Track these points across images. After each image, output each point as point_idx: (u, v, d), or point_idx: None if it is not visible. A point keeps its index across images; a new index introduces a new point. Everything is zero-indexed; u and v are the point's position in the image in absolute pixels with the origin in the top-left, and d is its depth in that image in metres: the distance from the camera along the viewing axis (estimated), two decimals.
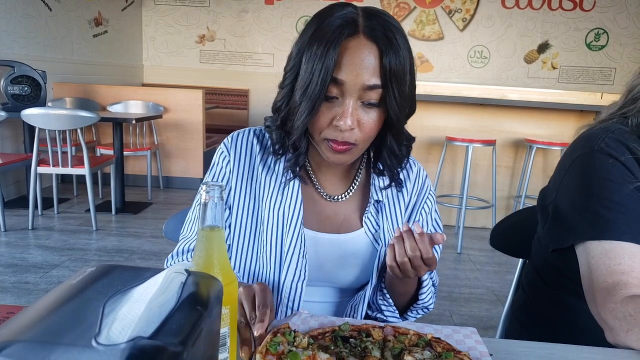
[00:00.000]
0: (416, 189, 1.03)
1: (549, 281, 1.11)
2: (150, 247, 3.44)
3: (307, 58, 0.81)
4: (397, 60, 0.80)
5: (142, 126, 4.96)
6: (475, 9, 6.18)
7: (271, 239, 0.94)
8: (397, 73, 0.81)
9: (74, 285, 0.50)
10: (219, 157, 0.99)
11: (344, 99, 0.82)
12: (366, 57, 0.80)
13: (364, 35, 0.80)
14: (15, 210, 4.03)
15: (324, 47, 0.79)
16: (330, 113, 0.83)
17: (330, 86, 0.81)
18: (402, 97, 0.83)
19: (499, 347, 0.78)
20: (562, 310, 1.07)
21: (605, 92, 6.14)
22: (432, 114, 4.21)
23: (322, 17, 0.83)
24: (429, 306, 1.01)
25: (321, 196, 0.99)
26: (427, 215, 1.03)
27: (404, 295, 0.98)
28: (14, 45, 4.33)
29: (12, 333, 0.40)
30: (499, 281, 3.19)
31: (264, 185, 0.96)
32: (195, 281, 0.52)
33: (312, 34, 0.82)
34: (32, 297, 2.58)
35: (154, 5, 6.44)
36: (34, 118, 3.43)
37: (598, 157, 0.97)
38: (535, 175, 4.12)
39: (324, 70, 0.79)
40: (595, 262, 0.90)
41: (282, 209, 0.94)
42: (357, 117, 0.83)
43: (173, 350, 0.41)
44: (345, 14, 0.82)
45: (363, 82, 0.80)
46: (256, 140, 0.99)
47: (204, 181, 1.03)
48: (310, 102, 0.81)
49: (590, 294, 0.90)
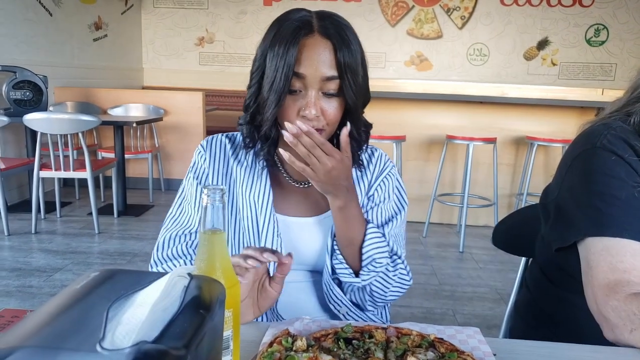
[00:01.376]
0: (377, 170, 1.11)
1: (554, 279, 1.11)
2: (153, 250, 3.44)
3: (271, 57, 0.91)
4: (349, 53, 0.91)
5: (143, 129, 4.97)
6: (473, 6, 6.17)
7: (247, 223, 1.04)
8: (351, 65, 0.91)
9: (78, 290, 0.51)
10: (197, 156, 1.09)
11: (307, 91, 0.91)
12: (322, 52, 0.90)
13: (318, 34, 0.90)
14: (18, 214, 4.04)
15: (285, 46, 0.89)
16: (295, 105, 0.92)
17: (292, 80, 0.90)
18: (357, 86, 0.93)
19: (502, 347, 0.79)
20: (567, 309, 1.07)
21: (606, 87, 6.13)
22: (432, 113, 4.21)
23: (280, 21, 0.93)
24: (380, 260, 1.01)
25: (290, 183, 1.08)
26: (383, 191, 1.10)
27: (351, 246, 1.01)
28: (15, 50, 4.34)
29: (16, 339, 0.40)
30: (502, 280, 3.19)
31: (236, 176, 1.06)
32: (198, 285, 0.52)
33: (273, 37, 0.91)
34: (36, 300, 2.58)
35: (153, 9, 6.45)
36: (36, 123, 3.44)
37: (600, 153, 0.96)
38: (536, 173, 4.12)
39: (286, 67, 0.88)
40: (596, 259, 0.89)
41: (253, 195, 1.04)
42: (320, 106, 0.92)
43: (177, 354, 0.41)
44: (300, 17, 0.92)
45: (322, 74, 0.90)
46: (228, 140, 1.10)
47: (186, 177, 1.09)
48: (276, 95, 0.90)
49: (590, 290, 0.89)
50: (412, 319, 2.51)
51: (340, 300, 1.05)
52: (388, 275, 1.03)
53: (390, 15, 6.26)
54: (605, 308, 0.84)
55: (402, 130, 3.89)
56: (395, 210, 1.10)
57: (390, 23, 6.27)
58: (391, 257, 1.05)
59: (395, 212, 1.10)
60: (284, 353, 0.70)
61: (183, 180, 1.10)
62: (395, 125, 4.07)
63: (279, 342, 0.72)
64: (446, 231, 4.24)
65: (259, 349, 0.75)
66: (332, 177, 0.90)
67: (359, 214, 1.00)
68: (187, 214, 1.07)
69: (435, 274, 3.23)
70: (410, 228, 4.20)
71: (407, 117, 4.21)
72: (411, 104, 4.20)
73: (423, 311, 2.70)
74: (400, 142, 3.77)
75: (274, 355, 0.69)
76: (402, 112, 4.20)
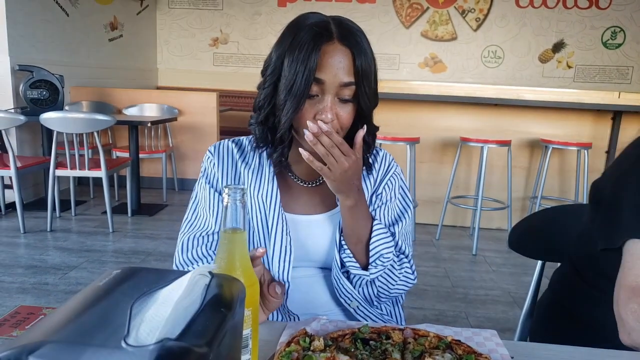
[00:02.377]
0: (382, 170, 1.14)
1: (588, 279, 1.08)
2: (166, 249, 3.47)
3: (290, 62, 0.92)
4: (366, 61, 0.94)
5: (157, 129, 5.00)
6: (488, 8, 6.13)
7: (256, 223, 1.06)
8: (367, 72, 0.94)
9: (101, 287, 0.51)
10: (207, 162, 1.12)
11: (324, 96, 0.93)
12: (342, 59, 0.92)
13: (338, 41, 0.92)
14: (34, 212, 4.09)
15: (306, 51, 0.90)
16: (312, 109, 0.94)
17: (312, 85, 0.91)
18: (370, 92, 0.96)
19: (520, 350, 0.78)
20: (596, 310, 1.04)
21: (622, 91, 6.06)
22: (446, 115, 4.19)
23: (298, 25, 0.95)
24: (387, 255, 1.04)
25: (297, 183, 1.11)
26: (390, 190, 1.12)
27: (359, 243, 1.04)
28: (32, 50, 4.40)
29: (43, 334, 0.41)
30: (515, 283, 3.16)
31: (244, 179, 1.09)
32: (219, 283, 0.52)
33: (293, 41, 0.92)
34: (51, 298, 2.61)
35: (168, 9, 6.49)
36: (52, 122, 3.48)
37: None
38: (551, 176, 4.08)
39: (307, 72, 0.90)
40: (632, 260, 0.88)
41: (262, 196, 1.06)
42: (335, 111, 0.94)
43: (199, 351, 0.42)
44: (318, 23, 0.93)
45: (340, 80, 0.92)
46: (234, 145, 1.13)
47: (198, 182, 1.11)
48: (295, 100, 0.92)
49: (616, 291, 0.88)
50: (424, 320, 2.50)
51: (351, 294, 1.06)
52: (393, 272, 1.06)
53: (404, 17, 6.24)
54: (625, 310, 0.83)
55: (416, 132, 3.87)
56: (401, 209, 1.13)
57: (405, 25, 6.25)
58: (398, 256, 1.08)
59: (402, 211, 1.13)
60: (302, 353, 0.71)
61: (195, 186, 1.13)
62: (409, 127, 4.06)
63: (296, 342, 0.72)
64: (459, 234, 4.22)
65: (276, 348, 0.75)
66: (347, 177, 0.93)
67: (366, 212, 1.04)
68: (202, 218, 1.09)
69: (448, 277, 3.21)
70: (423, 230, 4.19)
71: (421, 119, 4.19)
72: (425, 105, 4.18)
73: (435, 313, 2.68)
74: (414, 144, 3.76)
75: (292, 355, 0.69)
76: (416, 114, 4.19)
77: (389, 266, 1.05)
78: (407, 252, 1.10)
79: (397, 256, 1.07)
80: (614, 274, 0.93)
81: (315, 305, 1.09)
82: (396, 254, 1.07)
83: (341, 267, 1.06)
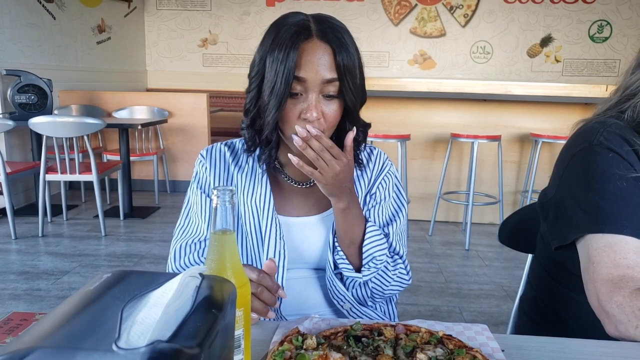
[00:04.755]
0: (376, 169, 1.13)
1: (556, 277, 1.11)
2: (159, 251, 3.46)
3: (270, 62, 0.92)
4: (348, 56, 0.92)
5: (148, 131, 4.98)
6: (476, 4, 6.16)
7: (249, 227, 1.06)
8: (349, 67, 0.92)
9: (92, 291, 0.51)
10: (198, 166, 1.11)
11: (307, 94, 0.92)
12: (322, 55, 0.91)
13: (317, 38, 0.91)
14: (25, 217, 4.06)
15: (284, 51, 0.90)
16: (296, 108, 0.93)
17: (293, 84, 0.91)
18: (355, 88, 0.95)
19: (511, 343, 0.79)
20: (570, 306, 1.07)
21: (610, 84, 6.10)
22: (436, 111, 4.21)
23: (278, 26, 0.94)
24: (380, 257, 1.04)
25: (290, 184, 1.10)
26: (384, 189, 1.12)
27: (352, 245, 1.03)
28: (19, 54, 4.37)
29: (33, 340, 0.41)
30: (508, 277, 3.19)
31: (237, 182, 1.08)
32: (210, 285, 0.52)
33: (272, 42, 0.92)
34: (44, 303, 2.60)
35: (156, 11, 6.47)
36: (41, 126, 3.46)
37: (598, 150, 0.97)
38: (541, 170, 4.11)
39: (286, 71, 0.90)
40: (599, 255, 0.89)
41: (255, 199, 1.06)
42: (320, 108, 0.93)
43: (191, 352, 0.42)
44: (298, 21, 0.93)
45: (322, 77, 0.91)
46: (226, 148, 1.12)
47: (190, 187, 1.10)
48: (277, 99, 0.91)
49: (591, 286, 0.89)
50: (418, 316, 2.51)
51: (344, 296, 1.06)
52: (387, 273, 1.06)
53: (393, 14, 6.25)
54: (609, 304, 0.84)
55: (407, 129, 3.89)
56: (396, 208, 1.12)
57: (393, 22, 6.27)
58: (392, 257, 1.07)
59: (396, 210, 1.12)
60: (295, 352, 0.71)
61: (187, 191, 1.12)
62: (400, 124, 4.07)
63: (289, 341, 0.73)
64: (452, 229, 4.24)
65: (269, 347, 0.76)
66: (339, 180, 0.93)
67: (359, 214, 1.03)
68: (194, 224, 1.08)
69: (442, 272, 3.23)
70: (416, 226, 4.20)
71: (412, 116, 4.20)
72: (415, 102, 4.20)
73: (430, 309, 2.70)
74: (405, 141, 3.77)
75: (285, 354, 0.70)
76: (407, 111, 4.20)
77: (383, 267, 1.05)
78: (402, 253, 1.10)
79: (391, 257, 1.07)
80: (577, 269, 0.95)
81: (309, 306, 1.09)
82: (390, 255, 1.07)
83: (334, 269, 1.05)
